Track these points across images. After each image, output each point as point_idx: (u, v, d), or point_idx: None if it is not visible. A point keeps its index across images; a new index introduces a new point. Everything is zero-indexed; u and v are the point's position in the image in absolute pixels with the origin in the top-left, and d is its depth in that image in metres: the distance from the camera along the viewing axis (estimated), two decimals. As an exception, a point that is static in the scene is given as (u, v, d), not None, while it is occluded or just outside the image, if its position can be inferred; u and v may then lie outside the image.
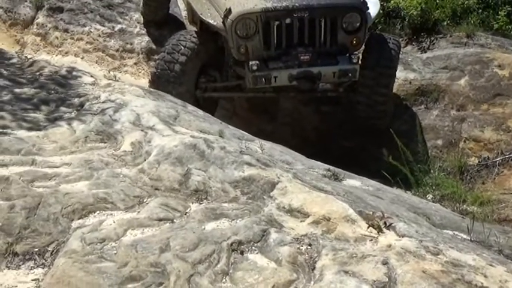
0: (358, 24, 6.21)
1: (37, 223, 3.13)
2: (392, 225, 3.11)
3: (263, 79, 6.01)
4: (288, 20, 6.04)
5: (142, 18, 9.18)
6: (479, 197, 5.57)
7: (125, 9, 9.48)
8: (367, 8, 6.31)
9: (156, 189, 3.50)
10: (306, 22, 6.07)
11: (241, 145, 4.10)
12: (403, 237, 3.02)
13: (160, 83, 6.19)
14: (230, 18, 5.95)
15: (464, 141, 7.04)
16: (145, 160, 3.79)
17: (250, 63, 5.94)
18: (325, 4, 6.13)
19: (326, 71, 6.11)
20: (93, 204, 3.30)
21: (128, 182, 3.54)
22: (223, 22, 6.03)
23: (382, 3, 7.97)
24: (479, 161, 6.66)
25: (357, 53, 6.34)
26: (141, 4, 9.01)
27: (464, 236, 3.43)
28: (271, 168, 3.72)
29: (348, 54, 6.18)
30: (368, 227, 3.09)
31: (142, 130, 4.14)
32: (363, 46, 6.56)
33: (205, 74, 6.53)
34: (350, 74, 6.16)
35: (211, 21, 6.17)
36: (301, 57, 6.05)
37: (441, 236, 3.18)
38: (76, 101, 4.68)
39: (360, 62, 6.33)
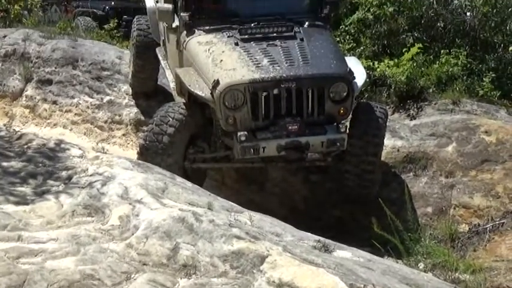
0: (345, 94, 6.25)
1: (22, 302, 3.07)
2: (385, 298, 3.07)
3: (251, 150, 6.00)
4: (275, 91, 6.06)
5: (130, 90, 9.25)
6: (471, 265, 5.52)
7: (113, 81, 9.56)
8: (354, 78, 6.37)
9: (144, 264, 3.45)
10: (293, 92, 6.09)
11: (230, 217, 4.06)
12: (395, 311, 2.98)
13: (149, 154, 6.18)
14: (218, 89, 5.98)
15: (454, 208, 7.02)
16: (133, 234, 3.75)
17: (239, 134, 5.94)
18: (312, 74, 6.17)
19: (314, 141, 6.12)
20: (80, 281, 3.25)
21: (115, 257, 3.50)
22: (211, 93, 6.06)
23: (368, 71, 8.07)
24: (469, 228, 6.63)
25: (344, 122, 6.38)
26: (130, 76, 9.08)
27: (458, 308, 3.39)
28: (261, 241, 3.68)
29: (335, 124, 6.20)
30: (360, 301, 3.04)
31: (130, 203, 4.12)
32: (351, 115, 6.60)
33: (193, 145, 6.52)
34: (338, 144, 6.16)
35: (199, 93, 6.19)
36: (289, 128, 6.05)
37: (434, 309, 3.14)
38: (64, 174, 4.66)
39: (347, 131, 6.35)
